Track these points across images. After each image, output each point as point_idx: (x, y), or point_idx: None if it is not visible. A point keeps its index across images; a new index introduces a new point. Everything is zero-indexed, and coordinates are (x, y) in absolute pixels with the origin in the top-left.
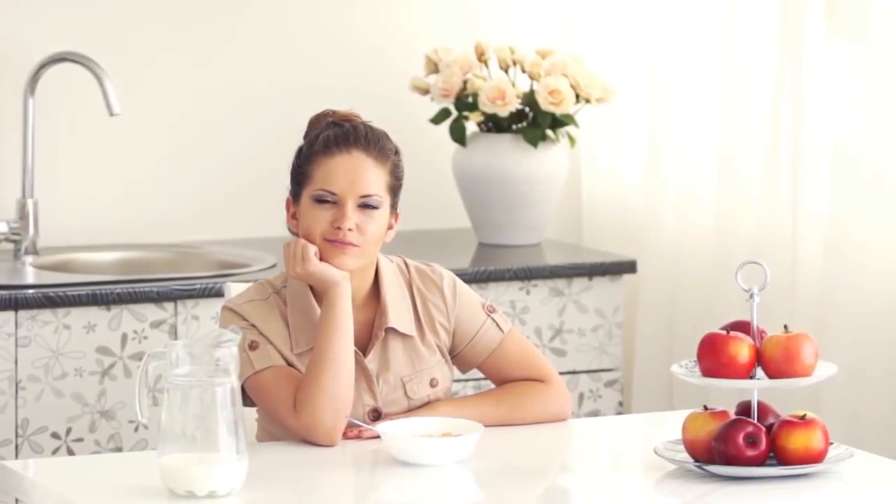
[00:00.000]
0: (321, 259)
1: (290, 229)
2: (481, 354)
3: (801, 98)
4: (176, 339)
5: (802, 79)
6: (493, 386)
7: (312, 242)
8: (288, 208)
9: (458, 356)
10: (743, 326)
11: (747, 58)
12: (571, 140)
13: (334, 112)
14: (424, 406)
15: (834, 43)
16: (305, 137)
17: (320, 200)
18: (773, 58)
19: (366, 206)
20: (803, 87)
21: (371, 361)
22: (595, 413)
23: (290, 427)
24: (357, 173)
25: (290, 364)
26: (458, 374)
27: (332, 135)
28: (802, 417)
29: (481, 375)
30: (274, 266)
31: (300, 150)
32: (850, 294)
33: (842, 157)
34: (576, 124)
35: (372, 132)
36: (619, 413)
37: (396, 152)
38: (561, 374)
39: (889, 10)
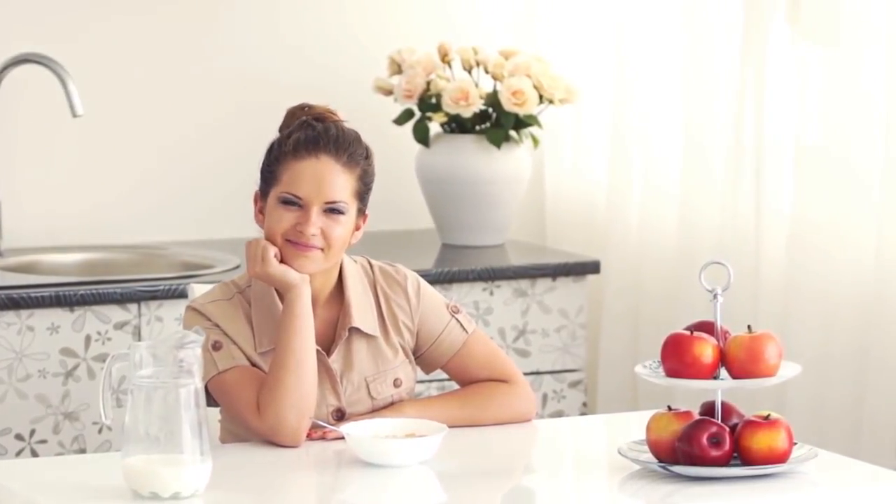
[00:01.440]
0: (281, 260)
1: (257, 223)
2: (445, 355)
3: (763, 97)
4: (139, 340)
5: (765, 78)
6: (457, 387)
7: (274, 241)
8: (255, 203)
9: (422, 357)
10: (707, 327)
11: (710, 58)
12: (535, 141)
13: (310, 107)
14: (389, 406)
15: (797, 43)
16: (280, 130)
17: (286, 202)
18: (736, 57)
19: (331, 210)
20: (766, 87)
21: (335, 361)
22: (559, 414)
23: (254, 428)
24: (324, 179)
25: (254, 364)
26: (422, 374)
27: (303, 137)
28: (766, 417)
29: (446, 376)
30: (237, 267)
31: (271, 147)
32: (814, 294)
33: (805, 156)
34: (539, 125)
35: (343, 136)
36: (583, 414)
37: (367, 156)
38: (525, 374)
39: (851, 11)
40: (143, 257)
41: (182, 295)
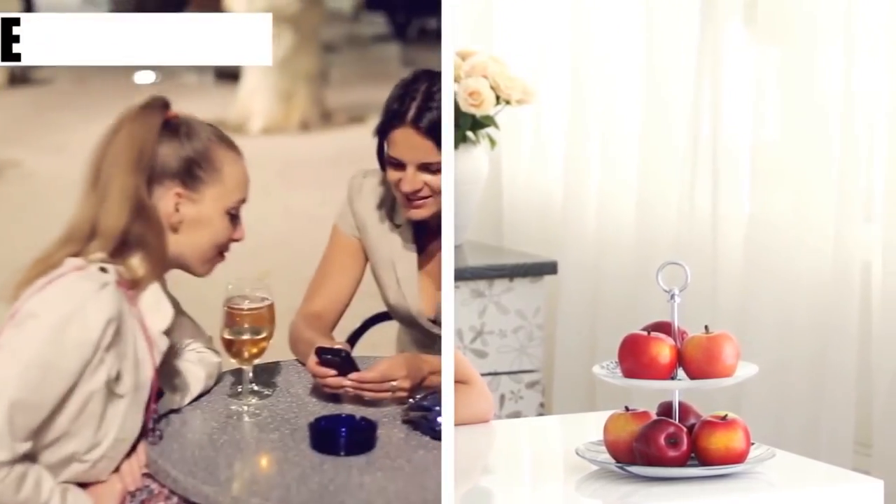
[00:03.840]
0: None
1: None
2: None
3: (720, 98)
4: None
5: (722, 79)
6: None
7: None
8: None
9: None
10: (664, 327)
11: (667, 60)
12: (492, 142)
13: None
14: None
15: (753, 46)
16: None
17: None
18: (692, 60)
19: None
20: (723, 87)
21: None
22: (516, 414)
23: None
24: None
25: None
26: None
27: None
28: (723, 418)
29: None
30: None
31: None
32: (771, 294)
33: (761, 158)
34: (496, 126)
35: None
36: (541, 414)
37: None
38: (482, 375)
39: (807, 13)
40: None
41: None
